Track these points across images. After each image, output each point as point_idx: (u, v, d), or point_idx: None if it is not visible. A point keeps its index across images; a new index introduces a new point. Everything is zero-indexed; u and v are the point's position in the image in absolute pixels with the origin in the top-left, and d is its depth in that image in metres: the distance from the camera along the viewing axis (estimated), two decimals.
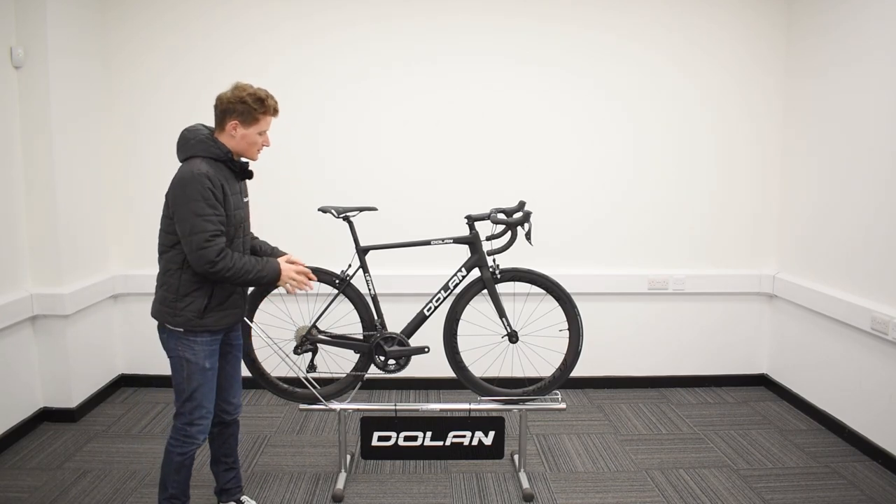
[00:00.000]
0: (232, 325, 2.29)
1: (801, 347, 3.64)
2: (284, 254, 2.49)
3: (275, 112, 2.20)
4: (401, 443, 2.70)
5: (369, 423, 2.71)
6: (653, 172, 3.81)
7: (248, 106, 2.11)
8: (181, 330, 2.14)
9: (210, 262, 2.03)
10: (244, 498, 2.55)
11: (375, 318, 2.73)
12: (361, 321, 2.74)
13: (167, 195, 2.11)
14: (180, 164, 2.14)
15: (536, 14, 3.65)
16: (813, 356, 3.53)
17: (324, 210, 2.73)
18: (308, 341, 2.71)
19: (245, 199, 2.28)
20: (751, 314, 3.94)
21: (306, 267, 2.39)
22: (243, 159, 2.23)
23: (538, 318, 3.04)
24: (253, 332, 2.69)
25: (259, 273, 2.16)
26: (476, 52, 3.67)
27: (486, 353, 3.02)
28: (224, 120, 2.14)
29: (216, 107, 2.16)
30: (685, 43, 3.72)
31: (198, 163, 2.07)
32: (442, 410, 2.90)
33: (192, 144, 2.12)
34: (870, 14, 3.09)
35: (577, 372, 2.85)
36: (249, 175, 2.26)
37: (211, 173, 2.05)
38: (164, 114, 3.62)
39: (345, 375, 2.78)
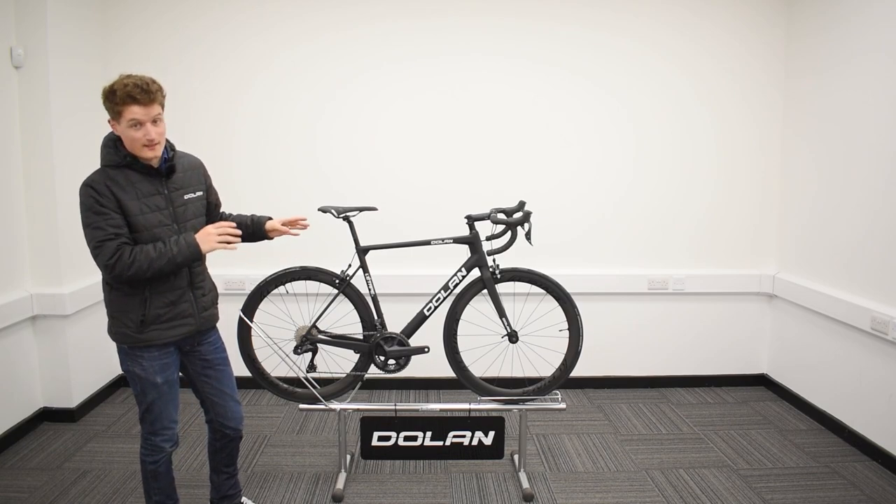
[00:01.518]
0: (186, 338, 2.14)
1: (801, 347, 3.64)
2: (269, 218, 2.43)
3: (134, 100, 1.87)
4: (401, 443, 2.70)
5: (369, 423, 2.70)
6: (653, 172, 3.81)
7: (106, 101, 1.91)
8: (125, 346, 2.06)
9: (106, 266, 1.92)
10: (244, 499, 2.55)
11: (375, 318, 2.73)
12: (361, 321, 2.74)
13: None
14: None
15: (536, 14, 3.65)
16: (813, 356, 3.53)
17: (324, 210, 2.73)
18: (308, 341, 2.72)
19: (187, 196, 2.10)
20: (751, 314, 3.94)
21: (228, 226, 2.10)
22: (151, 158, 1.99)
23: (538, 318, 3.04)
24: (253, 332, 2.69)
25: (171, 255, 1.96)
26: (476, 52, 3.67)
27: (486, 353, 3.02)
28: None
29: None
30: (685, 43, 3.72)
31: (95, 173, 1.98)
32: (442, 410, 2.90)
33: (100, 153, 2.01)
34: (869, 14, 3.09)
35: (577, 372, 2.85)
36: (171, 170, 2.06)
37: (97, 181, 1.93)
38: (164, 113, 3.61)
39: (345, 375, 2.78)
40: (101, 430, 3.32)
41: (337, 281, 2.69)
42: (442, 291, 2.73)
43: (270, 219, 2.44)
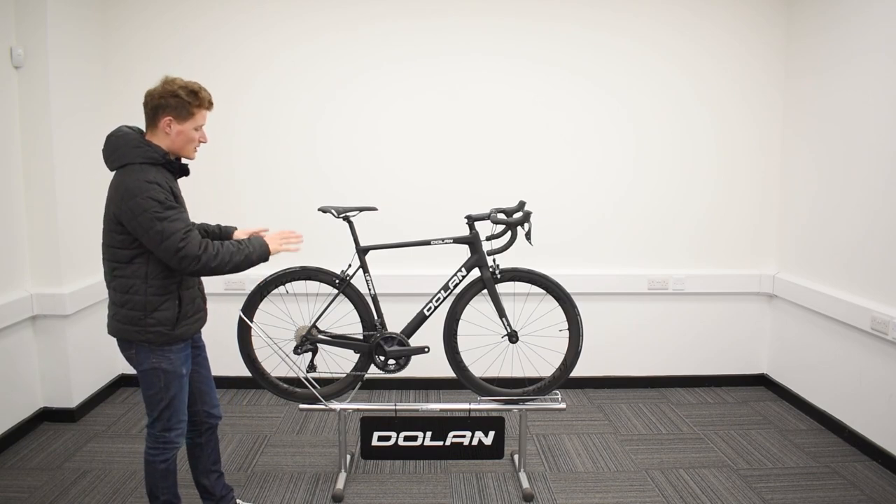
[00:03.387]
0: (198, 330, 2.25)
1: (801, 347, 3.64)
2: (235, 228, 2.42)
3: (209, 105, 2.08)
4: (401, 443, 2.70)
5: (369, 423, 2.71)
6: (653, 172, 3.81)
7: (181, 100, 1.98)
8: (154, 345, 2.07)
9: (195, 256, 1.94)
10: (238, 501, 2.54)
11: (375, 318, 2.73)
12: (361, 321, 2.74)
13: (111, 212, 1.98)
14: (113, 173, 2.02)
15: (536, 14, 3.65)
16: (813, 356, 3.53)
17: (324, 210, 2.73)
18: (308, 341, 2.71)
19: (183, 195, 2.16)
20: (751, 314, 3.94)
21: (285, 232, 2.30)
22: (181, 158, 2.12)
23: (538, 318, 3.04)
24: (253, 332, 2.69)
25: (248, 252, 2.08)
26: (476, 52, 3.67)
27: (486, 353, 3.02)
28: (157, 117, 2.00)
29: (146, 104, 2.02)
30: (685, 43, 3.72)
31: (138, 170, 1.95)
32: (442, 410, 2.90)
33: (125, 151, 1.98)
34: (869, 14, 3.09)
35: (577, 372, 2.85)
36: (186, 172, 2.14)
37: (157, 178, 1.95)
38: None
39: (345, 375, 2.79)
40: (101, 430, 3.32)
41: (337, 281, 2.69)
42: (442, 291, 2.73)
43: (236, 229, 2.44)
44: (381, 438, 2.70)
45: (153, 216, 1.91)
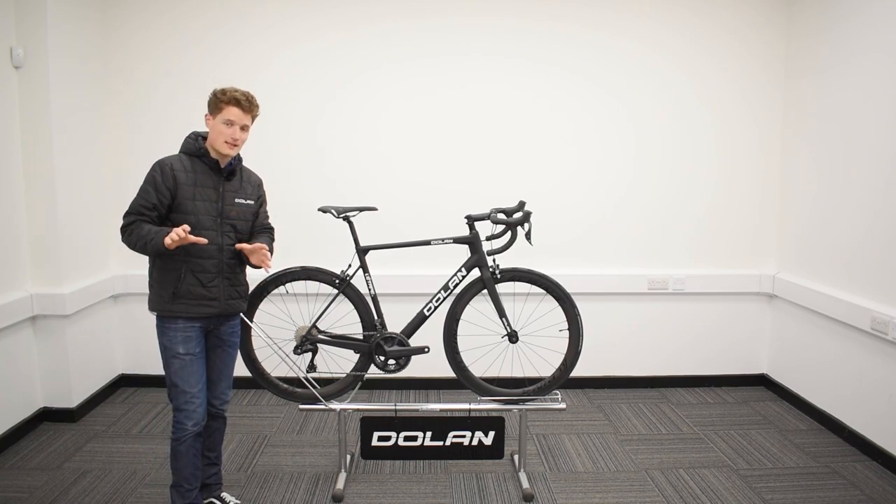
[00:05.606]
0: (211, 317, 2.30)
1: (801, 347, 3.64)
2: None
3: (238, 103, 2.24)
4: (401, 443, 2.70)
5: (369, 423, 2.71)
6: (653, 172, 3.81)
7: (213, 97, 2.27)
8: (157, 315, 2.27)
9: (121, 229, 2.21)
10: (224, 494, 2.55)
11: (375, 318, 2.73)
12: (361, 321, 2.74)
13: None
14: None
15: (536, 14, 3.65)
16: (813, 356, 3.53)
17: (324, 210, 2.73)
18: (308, 341, 2.72)
19: (238, 200, 2.33)
20: (751, 314, 3.94)
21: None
22: (225, 156, 2.29)
23: (538, 318, 3.04)
24: (253, 332, 2.69)
25: (149, 238, 2.14)
26: (476, 52, 3.67)
27: (486, 353, 3.02)
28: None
29: None
30: (685, 43, 3.72)
31: (174, 155, 2.29)
32: (442, 410, 2.90)
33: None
34: (869, 14, 3.09)
35: (577, 372, 2.85)
36: (228, 173, 2.31)
37: (166, 162, 2.23)
38: (164, 113, 3.63)
39: (345, 375, 2.79)
40: (101, 430, 3.32)
41: (337, 281, 2.69)
42: (442, 291, 2.73)
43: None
44: (381, 438, 2.70)
45: (140, 187, 2.24)
